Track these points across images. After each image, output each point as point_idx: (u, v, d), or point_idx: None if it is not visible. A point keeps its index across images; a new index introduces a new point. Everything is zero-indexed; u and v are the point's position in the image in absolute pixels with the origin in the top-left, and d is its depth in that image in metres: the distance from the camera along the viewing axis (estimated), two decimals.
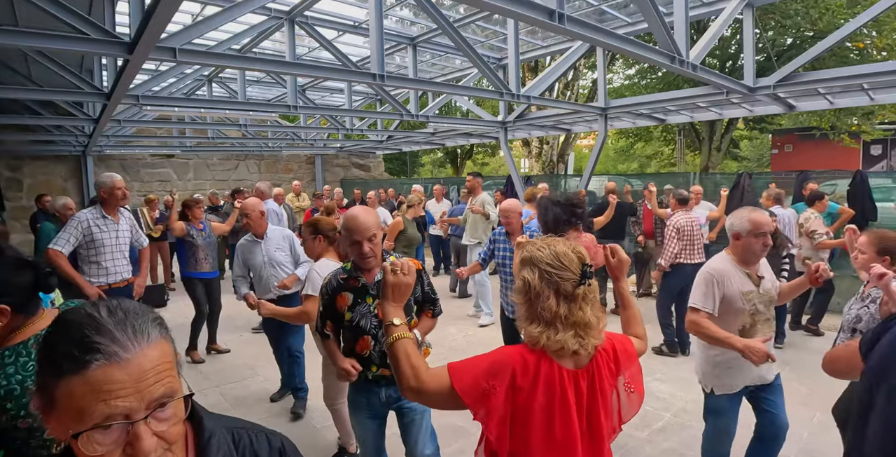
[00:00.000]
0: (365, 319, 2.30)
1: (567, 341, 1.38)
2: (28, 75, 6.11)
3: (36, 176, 11.87)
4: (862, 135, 15.28)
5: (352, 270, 2.34)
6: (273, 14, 5.52)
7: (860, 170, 7.35)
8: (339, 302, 2.31)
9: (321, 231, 3.24)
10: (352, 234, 2.23)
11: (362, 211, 2.29)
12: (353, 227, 2.22)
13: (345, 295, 2.31)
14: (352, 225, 2.23)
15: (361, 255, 2.25)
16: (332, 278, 2.36)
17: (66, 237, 3.71)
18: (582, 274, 1.44)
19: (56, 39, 3.26)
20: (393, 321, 1.51)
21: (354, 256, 2.28)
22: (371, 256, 2.26)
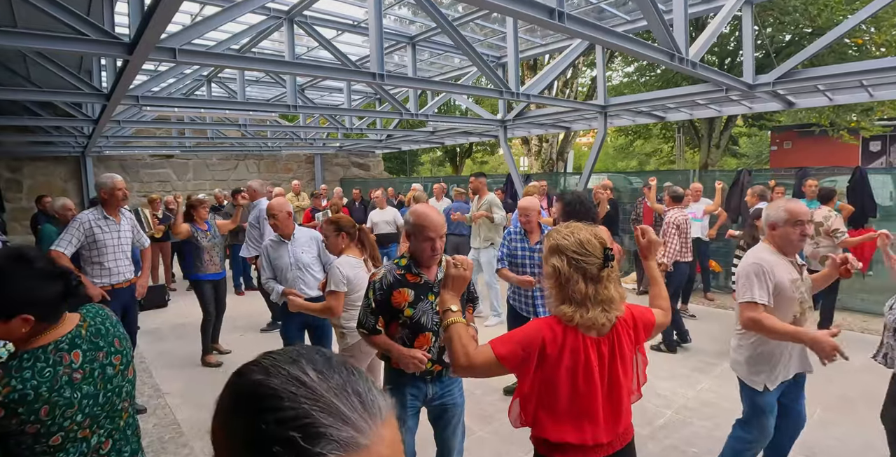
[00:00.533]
0: (426, 316, 2.30)
1: (597, 318, 1.60)
2: (27, 76, 6.10)
3: (35, 177, 11.87)
4: (861, 131, 15.27)
5: (409, 265, 2.32)
6: (272, 14, 5.51)
7: (860, 166, 7.36)
8: (396, 298, 2.27)
9: (343, 228, 3.26)
10: (426, 230, 2.24)
11: (432, 209, 2.34)
12: (429, 224, 2.24)
13: (404, 291, 2.27)
14: (426, 222, 2.25)
15: (433, 251, 2.28)
16: (388, 274, 2.30)
17: (67, 238, 3.71)
18: (605, 257, 1.63)
19: (55, 40, 3.25)
20: (451, 307, 1.74)
21: (424, 252, 2.28)
22: (439, 253, 2.32)
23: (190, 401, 4.30)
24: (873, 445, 3.32)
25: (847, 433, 3.53)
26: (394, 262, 2.37)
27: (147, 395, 4.42)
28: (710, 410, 3.91)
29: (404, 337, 2.31)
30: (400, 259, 2.37)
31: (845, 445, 3.37)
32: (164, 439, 3.67)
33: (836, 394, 4.14)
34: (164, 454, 3.45)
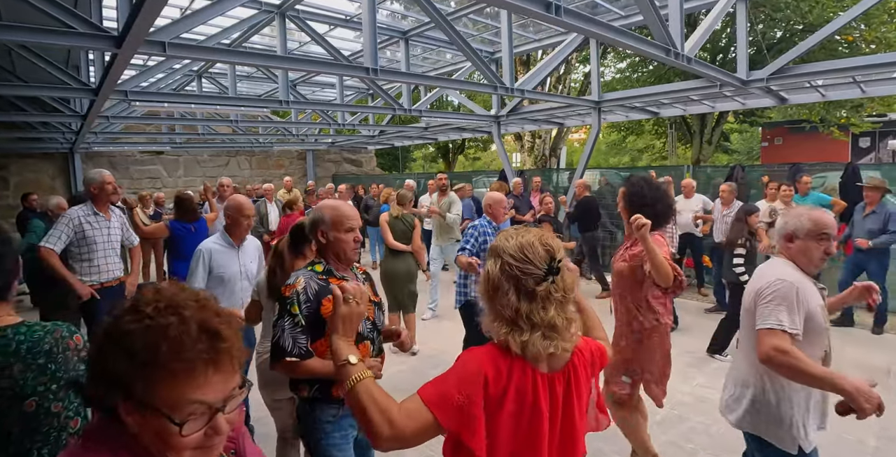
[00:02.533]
0: (361, 323, 2.06)
1: (535, 343, 1.25)
2: (12, 71, 5.98)
3: (23, 174, 11.70)
4: (851, 127, 15.39)
5: (329, 270, 2.04)
6: (263, 8, 5.44)
7: (851, 162, 7.40)
8: (326, 307, 1.92)
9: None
10: (346, 220, 2.03)
11: (340, 201, 2.18)
12: (346, 213, 2.05)
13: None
14: (343, 212, 2.04)
15: (357, 242, 2.06)
16: (309, 282, 1.94)
17: (57, 235, 3.62)
18: (547, 270, 1.29)
19: (41, 33, 3.18)
20: (348, 359, 1.30)
21: (347, 245, 2.04)
22: (358, 247, 2.11)
23: None
24: (866, 442, 3.35)
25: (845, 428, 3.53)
26: (307, 269, 2.02)
27: None
28: (706, 406, 3.92)
29: None
30: (312, 266, 2.04)
31: (843, 439, 3.39)
32: None
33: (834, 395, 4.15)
34: None
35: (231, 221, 3.24)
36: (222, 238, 3.25)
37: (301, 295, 1.90)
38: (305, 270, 2.02)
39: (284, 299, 1.90)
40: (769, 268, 2.13)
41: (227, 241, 3.25)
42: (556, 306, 1.30)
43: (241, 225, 3.23)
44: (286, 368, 1.88)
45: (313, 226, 2.03)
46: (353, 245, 2.05)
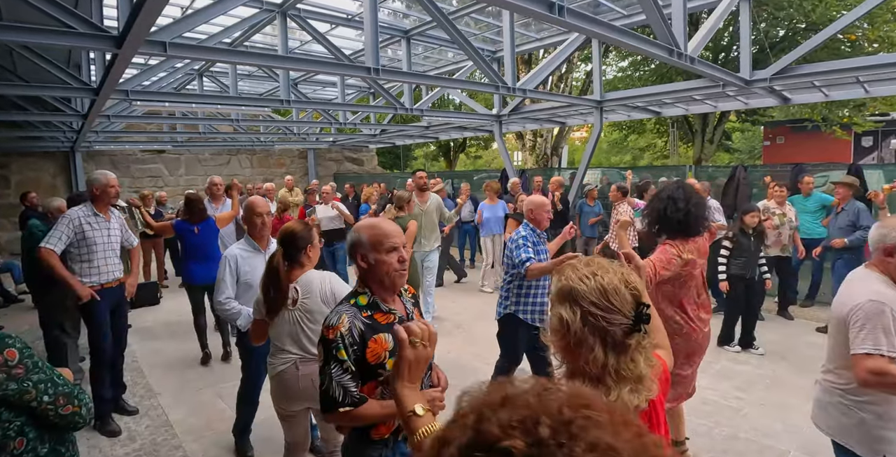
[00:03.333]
0: None
1: (622, 399, 1.11)
2: (13, 70, 5.97)
3: (24, 173, 11.69)
4: (853, 126, 15.34)
5: (374, 302, 1.76)
6: (265, 7, 5.42)
7: (855, 163, 7.37)
8: (373, 350, 1.69)
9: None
10: (387, 239, 1.75)
11: (380, 219, 1.89)
12: (387, 231, 1.76)
13: (380, 338, 1.70)
14: (383, 230, 1.76)
15: (402, 263, 1.77)
16: (354, 321, 1.68)
17: (57, 235, 3.60)
18: (637, 317, 1.13)
19: (42, 34, 3.17)
20: (415, 411, 1.18)
21: (390, 268, 1.75)
22: (406, 266, 1.82)
23: (183, 401, 4.24)
24: None
25: None
26: (349, 302, 1.76)
27: (139, 395, 4.36)
28: (709, 408, 3.91)
29: (385, 396, 1.72)
30: (355, 297, 1.78)
31: None
32: (157, 441, 3.61)
33: None
34: None
35: (246, 223, 3.18)
36: (247, 243, 3.17)
37: (347, 338, 1.66)
38: (347, 304, 1.75)
39: (329, 343, 1.65)
40: (862, 284, 2.00)
41: (251, 245, 3.16)
42: (644, 356, 1.15)
43: (255, 225, 3.13)
44: (341, 418, 1.67)
45: (352, 250, 1.79)
46: (399, 266, 1.77)
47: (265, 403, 4.15)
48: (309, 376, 2.42)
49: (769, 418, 3.74)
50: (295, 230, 2.52)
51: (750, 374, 4.54)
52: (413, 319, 1.81)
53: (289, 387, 2.47)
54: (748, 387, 4.28)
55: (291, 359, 2.45)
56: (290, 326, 2.45)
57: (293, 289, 2.43)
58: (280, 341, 2.48)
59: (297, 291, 2.44)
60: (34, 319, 6.02)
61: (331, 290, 2.47)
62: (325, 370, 1.65)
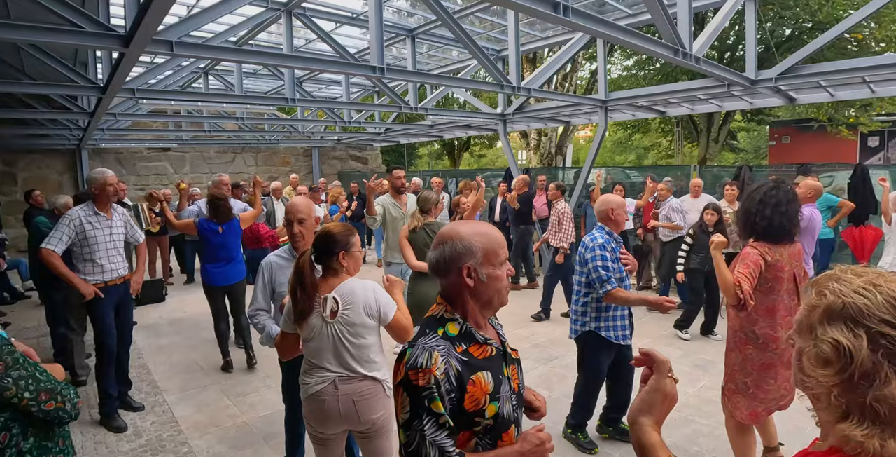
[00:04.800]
0: (508, 401, 1.41)
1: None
2: (21, 69, 6.01)
3: (31, 170, 11.77)
4: (859, 127, 15.26)
5: (468, 330, 1.40)
6: (270, 5, 5.43)
7: (861, 163, 7.34)
8: (473, 394, 1.32)
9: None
10: (499, 250, 1.41)
11: (482, 224, 1.50)
12: (497, 241, 1.41)
13: (480, 378, 1.34)
14: (493, 240, 1.41)
15: (507, 282, 1.45)
16: (447, 359, 1.32)
17: (58, 235, 3.61)
18: None
19: (50, 32, 3.19)
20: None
21: (500, 290, 1.42)
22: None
23: (188, 398, 4.27)
24: None
25: None
26: (435, 334, 1.38)
27: (145, 392, 4.39)
28: (712, 408, 3.90)
29: (482, 447, 1.40)
30: (441, 325, 1.40)
31: None
32: (163, 437, 3.64)
33: None
34: (163, 453, 3.43)
35: (286, 226, 2.80)
36: (287, 250, 2.81)
37: (443, 384, 1.28)
38: (434, 336, 1.36)
39: (418, 392, 1.27)
40: None
41: (290, 253, 2.79)
42: None
43: (292, 231, 2.73)
44: None
45: (452, 262, 1.38)
46: (508, 283, 1.46)
47: (268, 401, 4.20)
48: (350, 396, 2.20)
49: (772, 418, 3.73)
50: (332, 232, 2.25)
51: None
52: (507, 347, 1.51)
53: (327, 408, 2.21)
54: None
55: (329, 377, 2.20)
56: (330, 342, 2.19)
57: (332, 299, 2.17)
58: (317, 358, 2.21)
59: (337, 301, 2.18)
60: (41, 316, 6.08)
61: (375, 301, 2.23)
62: (413, 426, 1.28)
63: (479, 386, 1.33)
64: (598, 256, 3.12)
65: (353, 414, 2.20)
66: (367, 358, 2.23)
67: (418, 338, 1.37)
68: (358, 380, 2.21)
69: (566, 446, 3.47)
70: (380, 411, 2.27)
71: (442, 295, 1.45)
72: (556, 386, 4.38)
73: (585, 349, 3.39)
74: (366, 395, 2.22)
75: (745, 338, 2.75)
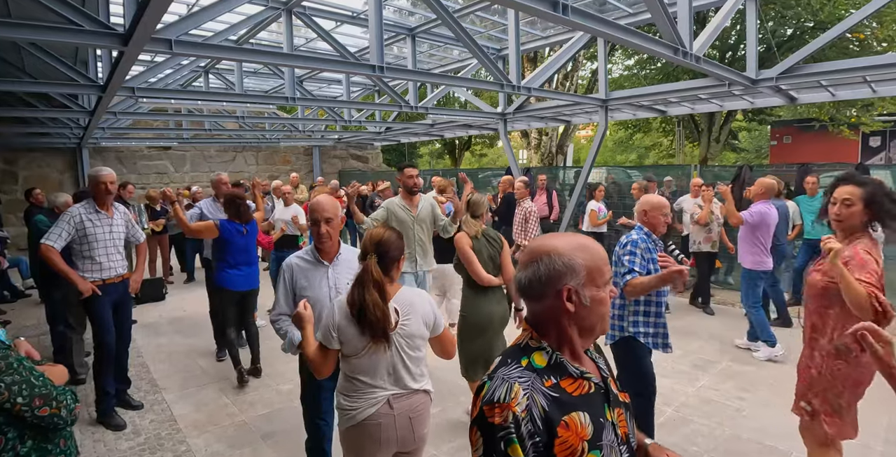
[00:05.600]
0: (615, 454, 1.17)
1: None
2: (22, 67, 6.02)
3: (31, 168, 11.78)
4: (861, 126, 15.24)
5: (559, 361, 1.15)
6: (270, 4, 5.44)
7: (861, 163, 7.33)
8: (567, 439, 1.07)
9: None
10: (604, 267, 1.18)
11: (577, 236, 1.24)
12: (600, 256, 1.18)
13: (575, 419, 1.09)
14: (596, 255, 1.18)
15: (608, 308, 1.22)
16: (531, 393, 1.08)
17: (58, 232, 3.61)
18: None
19: (49, 31, 3.19)
20: None
21: (603, 315, 1.19)
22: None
23: (187, 396, 4.28)
24: (869, 445, 3.33)
25: None
26: (519, 364, 1.14)
27: (144, 390, 4.39)
28: (711, 408, 3.90)
29: None
30: (526, 355, 1.16)
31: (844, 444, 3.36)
32: (161, 435, 3.64)
33: None
34: (161, 451, 3.43)
35: (312, 227, 2.54)
36: (310, 252, 2.60)
37: (524, 424, 1.04)
38: (516, 366, 1.14)
39: (493, 431, 1.04)
40: None
41: (313, 256, 2.57)
42: None
43: (319, 231, 2.49)
44: None
45: (549, 283, 1.14)
46: (607, 309, 1.22)
47: (266, 400, 4.20)
48: (406, 413, 2.02)
49: (771, 418, 3.73)
50: (388, 238, 2.06)
51: (753, 374, 4.53)
52: (610, 384, 1.25)
53: (384, 431, 1.99)
54: (751, 387, 4.27)
55: (383, 397, 1.99)
56: (387, 356, 1.99)
57: (392, 309, 2.00)
58: (369, 376, 1.99)
59: (398, 311, 2.01)
60: (41, 315, 6.09)
61: (432, 310, 2.10)
62: None
63: (573, 430, 1.08)
64: (628, 252, 2.92)
65: (409, 433, 2.04)
66: (420, 371, 2.10)
67: (498, 369, 1.15)
68: (411, 395, 2.06)
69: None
70: (428, 425, 2.17)
71: (529, 320, 1.23)
72: None
73: (629, 357, 3.06)
74: (420, 410, 2.09)
75: (836, 353, 2.44)
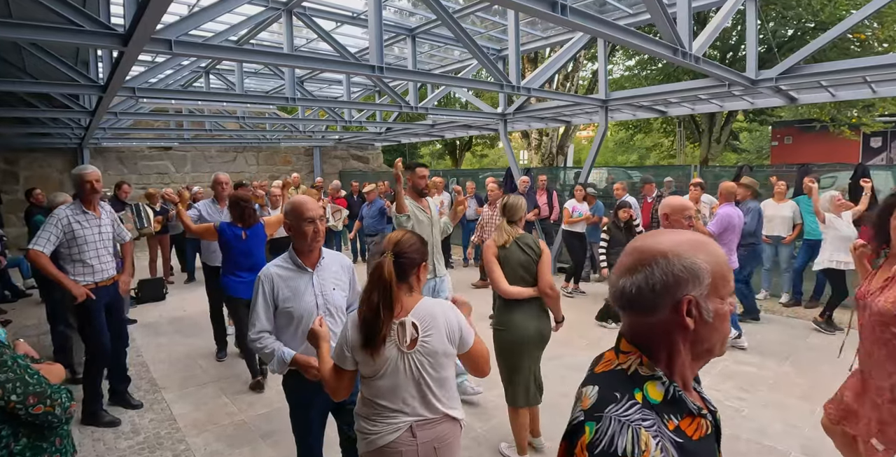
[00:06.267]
0: None
1: None
2: (23, 67, 6.03)
3: (32, 169, 11.80)
4: (862, 127, 15.24)
5: (679, 394, 0.93)
6: (271, 4, 5.45)
7: (861, 163, 7.32)
8: None
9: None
10: (729, 276, 0.96)
11: (700, 236, 1.00)
12: (725, 262, 0.96)
13: None
14: (720, 260, 0.95)
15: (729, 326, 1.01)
16: (659, 438, 0.84)
17: (45, 236, 3.46)
18: None
19: (50, 31, 3.20)
20: None
21: (724, 337, 0.98)
22: None
23: (187, 396, 4.28)
24: None
25: None
26: (632, 399, 0.89)
27: (143, 389, 4.40)
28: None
29: None
30: (637, 386, 0.92)
31: None
32: (160, 434, 3.65)
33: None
34: (160, 450, 3.44)
35: (293, 232, 2.31)
36: (288, 258, 2.34)
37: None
38: (630, 403, 0.88)
39: None
40: None
41: (293, 261, 2.33)
42: None
43: (306, 234, 2.27)
44: None
45: (665, 292, 0.91)
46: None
47: (266, 399, 4.21)
48: (430, 443, 1.80)
49: (770, 418, 3.73)
50: (411, 238, 1.86)
51: (752, 374, 4.53)
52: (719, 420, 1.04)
53: None
54: (750, 387, 4.27)
55: (406, 423, 1.78)
56: (408, 377, 1.77)
57: (410, 324, 1.76)
58: (389, 399, 1.78)
59: (416, 326, 1.76)
60: (42, 314, 6.11)
61: (458, 323, 1.84)
62: None
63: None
64: None
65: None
66: (447, 394, 1.85)
67: (605, 405, 0.88)
68: (438, 422, 1.82)
69: None
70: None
71: (630, 338, 0.99)
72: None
73: None
74: (447, 440, 1.85)
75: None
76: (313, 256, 2.36)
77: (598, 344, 5.11)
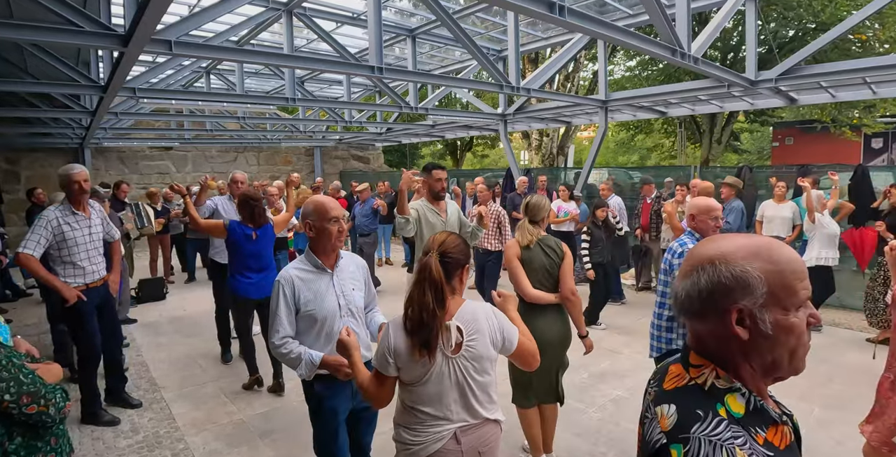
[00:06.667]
0: None
1: None
2: (24, 68, 6.06)
3: (34, 168, 11.84)
4: (863, 128, 15.24)
5: (757, 403, 0.88)
6: (271, 5, 5.46)
7: (861, 164, 7.32)
8: None
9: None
10: (789, 276, 0.86)
11: (776, 241, 0.91)
12: (786, 264, 0.86)
13: None
14: (798, 265, 0.87)
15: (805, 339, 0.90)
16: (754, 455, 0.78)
17: (35, 239, 3.38)
18: None
19: (50, 32, 3.22)
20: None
21: (803, 346, 0.88)
22: None
23: (186, 395, 4.29)
24: None
25: (845, 434, 3.52)
26: (714, 414, 0.83)
27: (143, 389, 4.42)
28: None
29: None
30: (717, 399, 0.86)
31: (843, 445, 3.37)
32: (160, 433, 3.66)
33: (834, 394, 4.13)
34: (159, 449, 3.45)
35: (315, 232, 2.24)
36: (307, 260, 2.28)
37: None
38: (716, 420, 0.82)
39: None
40: None
41: (313, 263, 2.27)
42: None
43: (331, 234, 2.22)
44: None
45: (711, 298, 0.87)
46: (809, 337, 0.94)
47: (265, 399, 4.22)
48: (476, 448, 1.76)
49: None
50: (456, 239, 1.81)
51: None
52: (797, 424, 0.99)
53: None
54: None
55: (450, 430, 1.73)
56: (453, 383, 1.72)
57: (455, 328, 1.71)
58: (434, 406, 1.73)
59: (461, 330, 1.71)
60: (42, 313, 6.12)
61: (500, 327, 1.79)
62: None
63: None
64: (679, 255, 2.72)
65: None
66: (490, 398, 1.81)
67: (690, 425, 0.83)
68: (481, 426, 1.78)
69: None
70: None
71: (697, 349, 0.93)
72: None
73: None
74: (490, 443, 1.82)
75: None
76: (333, 257, 2.30)
77: (597, 344, 5.11)
